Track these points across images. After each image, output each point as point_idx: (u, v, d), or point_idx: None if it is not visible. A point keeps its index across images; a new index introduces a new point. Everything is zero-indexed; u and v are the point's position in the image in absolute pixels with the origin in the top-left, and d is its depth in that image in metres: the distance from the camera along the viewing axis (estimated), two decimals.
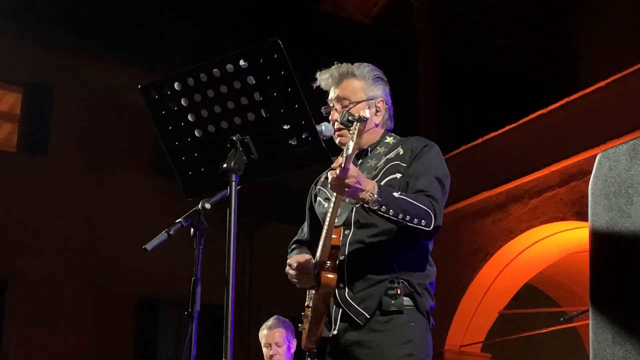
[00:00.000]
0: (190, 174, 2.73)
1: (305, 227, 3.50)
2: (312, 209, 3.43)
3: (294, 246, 3.49)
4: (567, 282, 11.93)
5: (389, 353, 3.02)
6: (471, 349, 11.08)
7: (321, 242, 3.06)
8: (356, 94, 3.23)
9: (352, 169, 2.86)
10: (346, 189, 2.88)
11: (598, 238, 2.49)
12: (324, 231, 3.05)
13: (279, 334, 5.91)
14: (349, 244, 3.11)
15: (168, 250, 4.25)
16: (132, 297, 13.12)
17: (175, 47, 13.55)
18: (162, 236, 2.74)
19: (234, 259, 2.47)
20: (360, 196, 2.90)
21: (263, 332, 5.98)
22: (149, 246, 2.71)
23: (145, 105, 2.68)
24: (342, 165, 2.82)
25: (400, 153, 3.20)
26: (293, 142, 2.60)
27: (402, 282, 3.07)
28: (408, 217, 2.95)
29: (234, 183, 2.54)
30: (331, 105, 3.26)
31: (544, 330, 10.96)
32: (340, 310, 3.10)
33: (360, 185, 2.87)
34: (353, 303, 3.07)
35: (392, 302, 3.04)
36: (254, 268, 13.79)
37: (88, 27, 13.20)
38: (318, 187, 3.41)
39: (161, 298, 13.20)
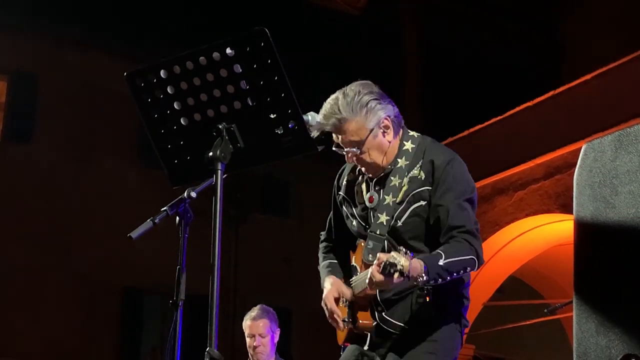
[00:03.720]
0: (176, 162, 2.72)
1: (332, 225, 3.50)
2: (337, 211, 3.43)
3: (324, 244, 3.54)
4: (551, 274, 11.96)
5: (413, 347, 3.11)
6: None
7: (358, 281, 3.20)
8: (359, 134, 3.15)
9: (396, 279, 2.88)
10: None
11: (582, 228, 2.50)
12: (361, 273, 3.19)
13: (263, 325, 5.85)
14: None
15: (153, 239, 4.23)
16: (116, 286, 13.09)
17: (161, 36, 13.48)
18: (147, 224, 2.72)
19: (219, 246, 2.47)
20: (411, 284, 2.99)
21: (247, 323, 5.91)
22: (134, 234, 2.69)
23: (130, 93, 2.67)
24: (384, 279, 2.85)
25: (422, 178, 3.15)
26: (279, 131, 2.59)
27: (429, 289, 3.08)
28: (455, 275, 3.00)
29: (219, 171, 2.53)
30: (340, 147, 3.21)
31: (528, 322, 11.00)
32: (376, 325, 3.19)
33: (410, 278, 2.87)
34: (391, 319, 3.16)
35: (422, 309, 3.11)
36: (240, 259, 13.78)
37: (73, 16, 13.12)
38: (342, 193, 3.38)
39: (146, 287, 13.17)
